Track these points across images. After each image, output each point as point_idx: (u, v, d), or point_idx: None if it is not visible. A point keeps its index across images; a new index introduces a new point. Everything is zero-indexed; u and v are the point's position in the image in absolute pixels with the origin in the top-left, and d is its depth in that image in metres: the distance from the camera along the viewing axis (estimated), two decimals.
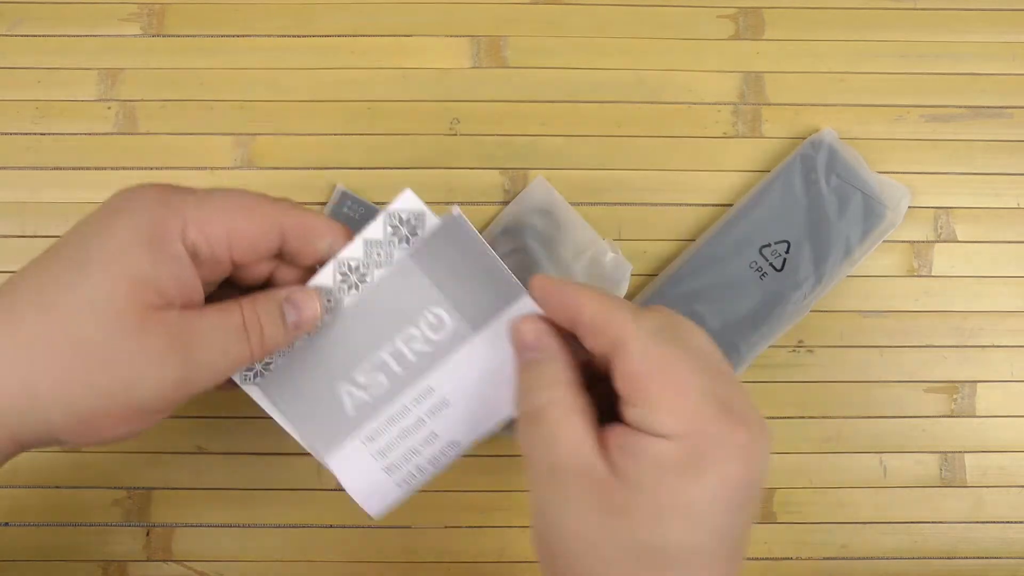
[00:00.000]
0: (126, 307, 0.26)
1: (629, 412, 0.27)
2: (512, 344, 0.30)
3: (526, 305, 0.30)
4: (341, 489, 0.32)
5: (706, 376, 0.26)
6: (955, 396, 0.45)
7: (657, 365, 0.26)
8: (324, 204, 0.45)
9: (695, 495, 0.25)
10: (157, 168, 0.45)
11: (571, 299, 0.28)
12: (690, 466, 0.25)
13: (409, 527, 0.44)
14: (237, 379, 0.31)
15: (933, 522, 0.45)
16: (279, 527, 0.44)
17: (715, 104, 0.46)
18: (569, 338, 0.30)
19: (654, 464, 0.25)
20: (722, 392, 0.26)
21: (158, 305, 0.27)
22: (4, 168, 0.45)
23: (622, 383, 0.27)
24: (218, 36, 0.46)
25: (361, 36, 0.47)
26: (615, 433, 0.27)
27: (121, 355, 0.26)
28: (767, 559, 0.44)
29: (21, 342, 0.26)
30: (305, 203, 0.45)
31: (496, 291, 0.31)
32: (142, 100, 0.46)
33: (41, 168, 0.45)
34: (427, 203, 0.45)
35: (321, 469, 0.44)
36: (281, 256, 0.31)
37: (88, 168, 0.45)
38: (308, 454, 0.44)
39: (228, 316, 0.28)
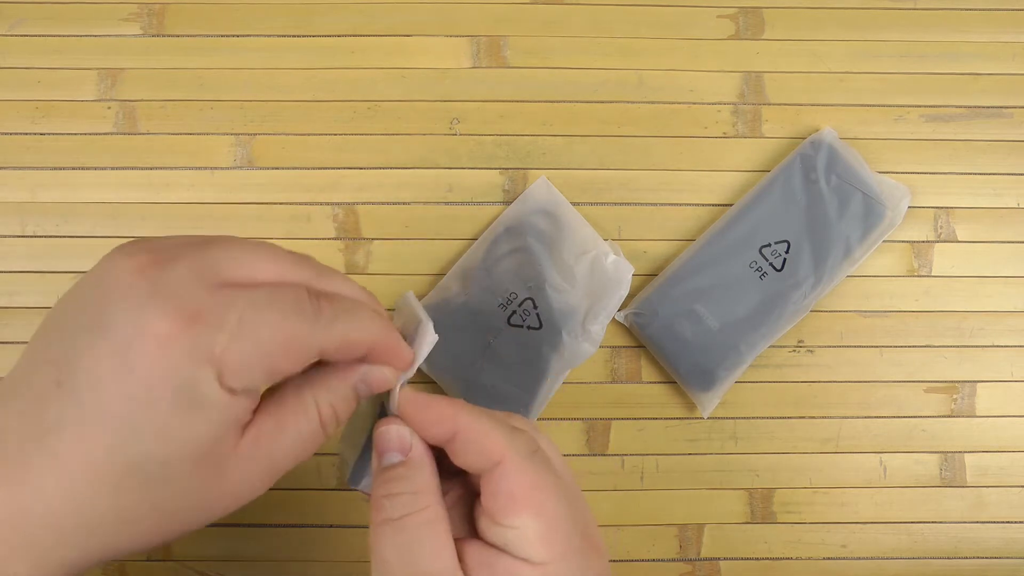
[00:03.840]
0: (195, 468, 0.24)
1: (494, 531, 0.26)
2: (375, 446, 0.28)
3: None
4: (341, 489, 0.32)
5: (570, 504, 0.27)
6: (955, 396, 0.45)
7: (530, 489, 0.26)
8: (322, 204, 0.45)
9: None
10: (157, 168, 0.45)
11: (447, 414, 0.27)
12: None
13: None
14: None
15: (933, 522, 0.45)
16: (279, 527, 0.44)
17: (715, 104, 0.46)
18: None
19: None
20: (581, 519, 0.27)
21: (232, 446, 0.25)
22: (4, 168, 0.45)
23: (494, 501, 0.26)
24: (218, 36, 0.46)
25: (361, 36, 0.47)
26: (475, 549, 0.27)
27: (207, 503, 0.25)
28: (767, 559, 0.44)
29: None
30: (303, 203, 0.45)
31: None
32: (142, 100, 0.46)
33: (41, 168, 0.45)
34: (427, 203, 0.45)
35: (321, 469, 0.44)
36: None
37: (88, 168, 0.45)
38: None
39: (306, 421, 0.27)
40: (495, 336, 0.42)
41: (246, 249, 0.26)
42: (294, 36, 0.46)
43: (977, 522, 0.45)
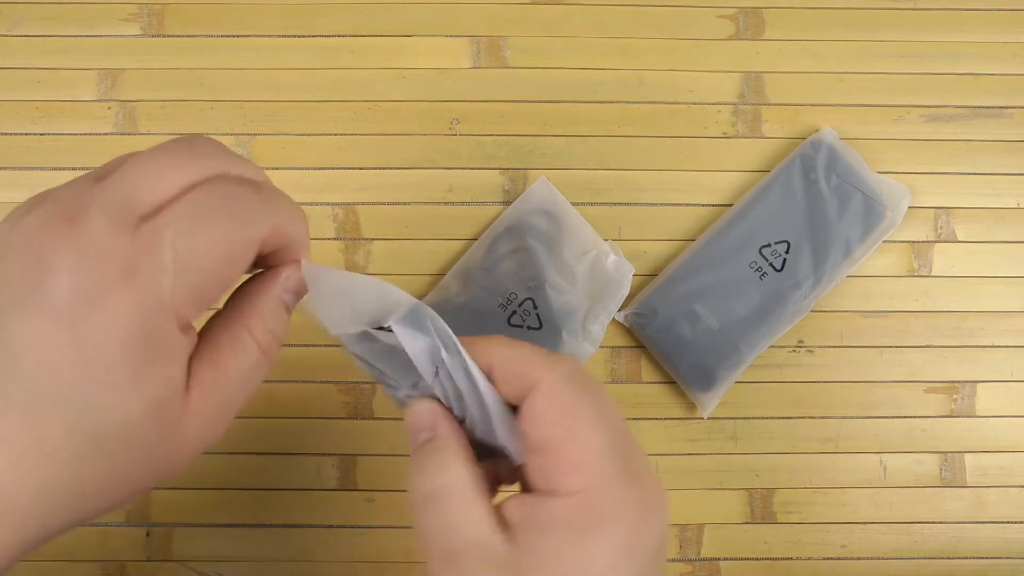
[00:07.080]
0: (157, 426, 0.24)
1: (531, 461, 0.26)
2: (407, 426, 0.28)
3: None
4: (342, 489, 0.32)
5: (610, 431, 0.26)
6: (955, 396, 0.45)
7: (565, 411, 0.26)
8: (322, 204, 0.45)
9: (594, 555, 0.24)
10: None
11: (482, 350, 0.27)
12: (587, 525, 0.24)
13: (409, 527, 0.44)
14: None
15: (933, 522, 0.45)
16: (279, 527, 0.44)
17: (715, 104, 0.46)
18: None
19: (552, 526, 0.25)
20: (623, 449, 0.26)
21: (185, 392, 0.25)
22: (4, 168, 0.45)
23: (531, 428, 0.26)
24: (218, 36, 0.46)
25: (361, 36, 0.47)
26: (513, 503, 0.26)
27: (167, 457, 0.25)
28: (767, 559, 0.44)
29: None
30: (303, 204, 0.45)
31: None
32: (142, 100, 0.46)
33: (41, 168, 0.45)
34: (427, 203, 0.46)
35: (321, 469, 0.44)
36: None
37: (88, 168, 0.45)
38: (308, 454, 0.44)
39: (246, 355, 0.26)
40: None
41: (146, 167, 0.24)
42: (294, 36, 0.46)
43: (977, 522, 0.45)
